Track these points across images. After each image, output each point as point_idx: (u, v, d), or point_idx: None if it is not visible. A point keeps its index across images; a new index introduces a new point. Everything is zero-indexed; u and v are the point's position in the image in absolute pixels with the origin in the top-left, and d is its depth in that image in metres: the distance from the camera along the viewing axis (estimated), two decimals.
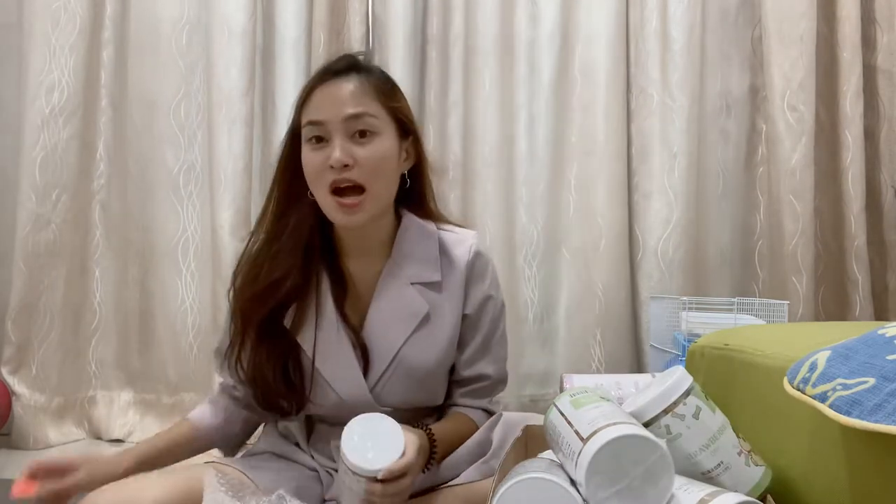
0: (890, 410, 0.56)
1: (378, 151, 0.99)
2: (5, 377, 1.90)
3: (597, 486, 0.62)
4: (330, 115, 0.98)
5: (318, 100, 1.00)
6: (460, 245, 1.10)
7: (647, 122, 1.99)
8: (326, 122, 0.98)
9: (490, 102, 1.99)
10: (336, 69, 1.02)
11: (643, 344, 1.97)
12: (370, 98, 1.00)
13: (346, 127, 0.98)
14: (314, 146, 0.99)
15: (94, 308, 2.03)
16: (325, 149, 0.98)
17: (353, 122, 0.98)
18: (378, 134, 0.99)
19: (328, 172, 0.97)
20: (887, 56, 1.93)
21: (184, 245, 2.01)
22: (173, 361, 2.00)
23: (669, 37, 1.96)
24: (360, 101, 0.99)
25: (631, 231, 2.01)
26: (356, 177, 0.97)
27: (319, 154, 0.98)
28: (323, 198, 1.00)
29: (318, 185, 0.99)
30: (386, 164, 1.01)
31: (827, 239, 1.97)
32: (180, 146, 2.01)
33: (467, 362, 1.09)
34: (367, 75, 1.02)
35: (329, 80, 1.00)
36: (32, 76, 1.91)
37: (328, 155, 0.97)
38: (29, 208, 1.90)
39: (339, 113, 0.97)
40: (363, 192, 0.98)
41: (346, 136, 0.98)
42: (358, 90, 0.99)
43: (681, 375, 0.75)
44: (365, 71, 1.03)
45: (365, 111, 0.98)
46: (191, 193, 2.01)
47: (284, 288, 1.02)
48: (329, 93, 0.99)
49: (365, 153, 0.98)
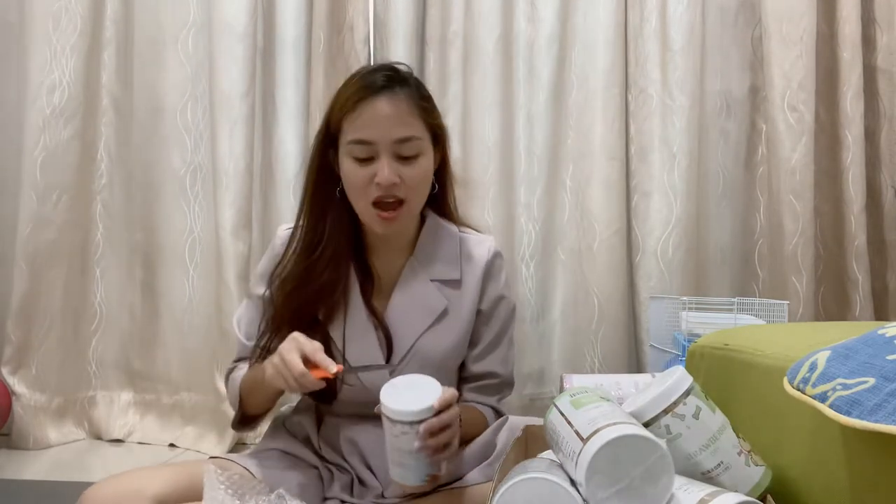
0: (890, 410, 0.56)
1: (422, 171, 1.05)
2: (5, 377, 1.90)
3: (597, 485, 0.62)
4: (378, 136, 1.01)
5: (366, 118, 1.02)
6: (480, 245, 1.15)
7: (646, 122, 1.99)
8: (375, 143, 1.01)
9: (489, 103, 1.99)
10: (378, 84, 1.03)
11: (642, 344, 1.97)
12: (415, 118, 1.04)
13: (395, 149, 1.02)
14: (359, 162, 1.03)
15: (94, 308, 2.03)
16: (371, 165, 1.02)
17: (401, 145, 1.02)
18: (421, 155, 1.05)
19: (373, 188, 1.02)
20: (887, 56, 1.93)
21: (191, 246, 2.01)
22: (177, 361, 2.00)
23: (669, 37, 1.96)
24: (406, 122, 1.02)
25: (630, 231, 2.01)
26: (401, 194, 1.03)
27: (365, 170, 1.02)
28: (364, 208, 1.05)
29: (360, 197, 1.04)
30: (426, 181, 1.07)
31: (827, 239, 1.97)
32: (187, 148, 2.01)
33: (477, 357, 1.14)
34: (408, 91, 1.05)
35: (375, 96, 1.02)
36: (33, 76, 1.91)
37: (374, 172, 1.01)
38: (30, 208, 1.91)
39: (389, 136, 1.01)
40: (402, 205, 1.04)
41: (393, 156, 1.02)
42: (405, 111, 1.03)
43: (681, 375, 0.75)
44: (406, 85, 1.05)
45: (412, 134, 1.03)
46: (197, 194, 2.02)
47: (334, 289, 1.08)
48: (377, 112, 1.01)
49: (411, 173, 1.03)
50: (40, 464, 1.77)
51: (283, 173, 2.03)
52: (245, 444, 1.91)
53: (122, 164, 2.04)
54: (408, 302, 1.10)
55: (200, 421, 1.96)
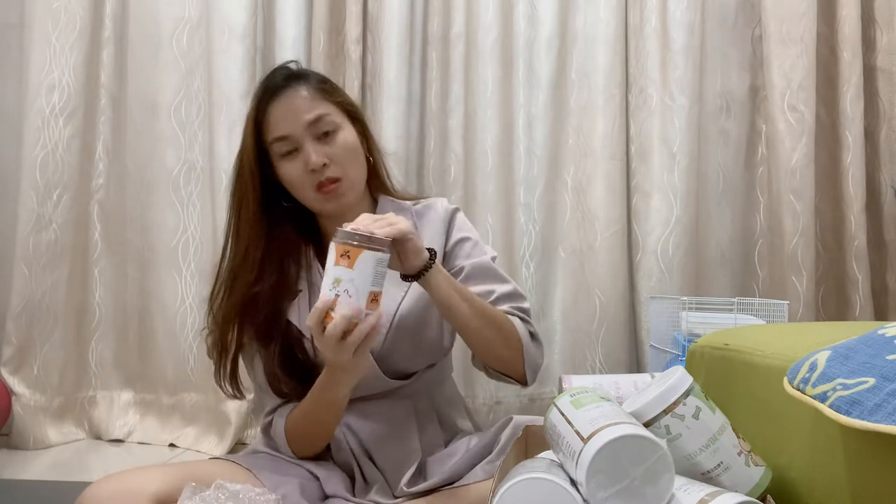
0: (890, 410, 0.56)
1: (346, 143, 1.08)
2: (5, 377, 1.90)
3: (597, 485, 0.62)
4: (293, 127, 1.06)
5: (276, 117, 1.07)
6: (434, 208, 1.18)
7: (646, 122, 1.99)
8: (292, 134, 1.06)
9: (490, 103, 1.99)
10: (277, 84, 1.09)
11: (642, 344, 1.97)
12: (320, 100, 1.09)
13: (311, 131, 1.06)
14: (288, 158, 1.07)
15: (93, 308, 2.03)
16: (299, 156, 1.06)
17: (315, 126, 1.07)
18: (339, 129, 1.09)
19: (309, 176, 1.06)
20: (887, 56, 1.93)
21: (184, 245, 2.01)
22: (172, 362, 2.00)
23: (669, 37, 1.96)
24: (314, 106, 1.07)
25: (631, 231, 2.01)
26: (334, 172, 1.07)
27: (296, 163, 1.07)
28: (308, 197, 1.08)
29: (302, 189, 1.08)
30: (354, 152, 1.10)
31: (827, 239, 1.97)
32: (181, 146, 2.01)
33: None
34: (305, 81, 1.10)
35: (277, 95, 1.08)
36: (33, 76, 1.92)
37: (305, 161, 1.06)
38: (29, 208, 1.91)
39: (300, 122, 1.06)
40: (340, 180, 1.07)
41: (313, 139, 1.07)
42: (307, 97, 1.08)
43: (681, 375, 0.75)
44: (304, 78, 1.11)
45: (321, 113, 1.07)
46: (191, 194, 2.01)
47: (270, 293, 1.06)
48: (284, 107, 1.07)
49: (335, 149, 1.07)
50: (40, 464, 1.77)
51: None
52: (246, 444, 1.91)
53: (119, 163, 2.04)
54: None
55: (200, 421, 1.96)
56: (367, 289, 0.86)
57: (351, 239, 0.86)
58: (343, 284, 0.85)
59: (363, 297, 0.86)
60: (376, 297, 0.88)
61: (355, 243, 0.85)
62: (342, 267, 0.85)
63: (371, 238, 0.86)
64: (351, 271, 0.85)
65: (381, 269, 0.88)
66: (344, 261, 0.85)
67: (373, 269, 0.86)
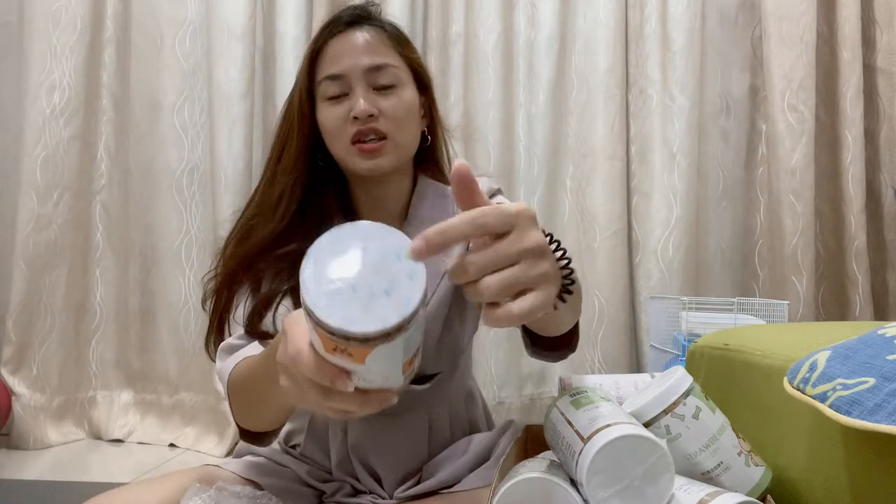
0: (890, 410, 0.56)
1: (402, 102, 0.93)
2: (5, 377, 1.90)
3: (597, 485, 0.62)
4: (349, 67, 0.91)
5: (333, 52, 0.93)
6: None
7: (646, 122, 1.99)
8: (346, 75, 0.92)
9: (491, 103, 1.99)
10: (347, 20, 0.95)
11: (643, 344, 1.97)
12: (388, 48, 0.94)
13: (368, 79, 0.92)
14: (334, 102, 0.92)
15: (94, 308, 2.03)
16: (345, 102, 0.92)
17: (374, 74, 0.92)
18: (400, 85, 0.94)
19: (350, 125, 0.91)
20: (887, 56, 1.93)
21: (187, 245, 2.01)
22: (175, 361, 2.00)
23: (669, 37, 1.96)
24: (378, 51, 0.93)
25: (631, 231, 2.01)
26: (381, 126, 0.91)
27: (340, 108, 0.92)
28: (343, 150, 0.93)
29: (338, 138, 0.93)
30: (410, 116, 0.95)
31: (827, 239, 1.97)
32: (184, 147, 2.01)
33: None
34: (378, 23, 0.97)
35: (342, 31, 0.94)
36: (33, 76, 1.92)
37: (350, 107, 0.91)
38: (30, 208, 1.91)
39: (359, 64, 0.91)
40: (385, 139, 0.92)
41: (368, 87, 0.92)
42: (375, 40, 0.93)
43: (681, 376, 0.75)
44: (376, 20, 0.97)
45: (386, 62, 0.93)
46: (194, 194, 2.02)
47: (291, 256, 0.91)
48: (345, 44, 0.93)
49: (389, 104, 0.92)
50: (40, 464, 1.77)
51: None
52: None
53: (121, 163, 2.04)
54: None
55: (200, 421, 1.96)
56: (396, 368, 0.54)
57: (345, 337, 0.49)
58: (355, 377, 0.54)
59: (393, 378, 0.55)
60: (412, 360, 0.56)
61: (358, 343, 0.50)
62: (345, 361, 0.52)
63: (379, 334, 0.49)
64: (362, 366, 0.52)
65: (413, 336, 0.53)
66: (344, 356, 0.51)
67: (400, 349, 0.52)
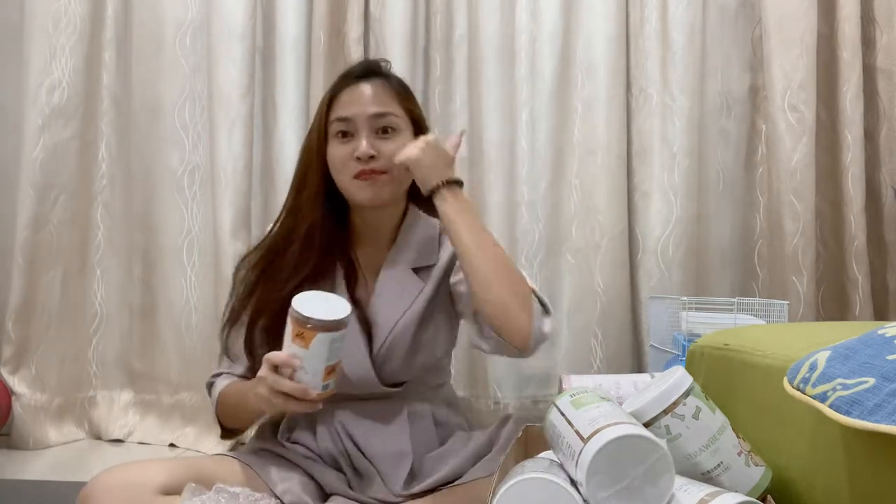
0: (890, 410, 0.56)
1: (399, 147, 1.10)
2: (5, 377, 1.90)
3: (597, 485, 0.62)
4: (356, 112, 1.10)
5: (344, 99, 1.11)
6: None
7: (647, 121, 1.99)
8: (353, 119, 1.10)
9: (494, 104, 1.99)
10: (359, 73, 1.14)
11: (643, 344, 1.97)
12: (391, 99, 1.12)
13: (371, 124, 1.10)
14: (341, 140, 1.11)
15: (94, 308, 2.03)
16: (351, 142, 1.10)
17: (377, 120, 1.10)
18: (399, 132, 1.12)
19: (353, 163, 1.09)
20: (887, 56, 1.93)
21: (188, 245, 2.01)
22: (176, 361, 2.00)
23: (669, 36, 1.96)
24: (382, 102, 1.11)
25: (631, 230, 2.01)
26: (381, 165, 1.09)
27: (346, 147, 1.10)
28: (346, 182, 1.11)
29: (342, 172, 1.10)
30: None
31: (827, 239, 1.97)
32: (185, 148, 2.01)
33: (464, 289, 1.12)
34: (387, 79, 1.15)
35: (353, 83, 1.13)
36: (33, 76, 1.91)
37: (355, 147, 1.08)
38: (29, 208, 1.90)
39: (365, 111, 1.10)
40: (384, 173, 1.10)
41: (371, 131, 1.10)
42: (380, 91, 1.12)
43: (681, 375, 0.75)
44: (385, 76, 1.16)
45: (387, 111, 1.11)
46: (195, 194, 2.02)
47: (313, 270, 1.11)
48: (354, 93, 1.11)
49: (388, 147, 1.10)
50: (40, 464, 1.77)
51: (282, 173, 2.03)
52: (245, 444, 1.91)
53: (122, 163, 2.04)
54: (389, 289, 1.14)
55: (200, 421, 1.96)
56: (322, 366, 0.91)
57: (305, 322, 0.89)
58: (300, 362, 0.90)
59: (318, 375, 0.91)
60: (333, 369, 0.93)
61: (309, 326, 0.89)
62: (298, 346, 0.90)
63: (325, 322, 0.89)
64: (306, 351, 0.90)
65: (336, 345, 0.92)
66: (299, 340, 0.90)
67: (327, 348, 0.90)
